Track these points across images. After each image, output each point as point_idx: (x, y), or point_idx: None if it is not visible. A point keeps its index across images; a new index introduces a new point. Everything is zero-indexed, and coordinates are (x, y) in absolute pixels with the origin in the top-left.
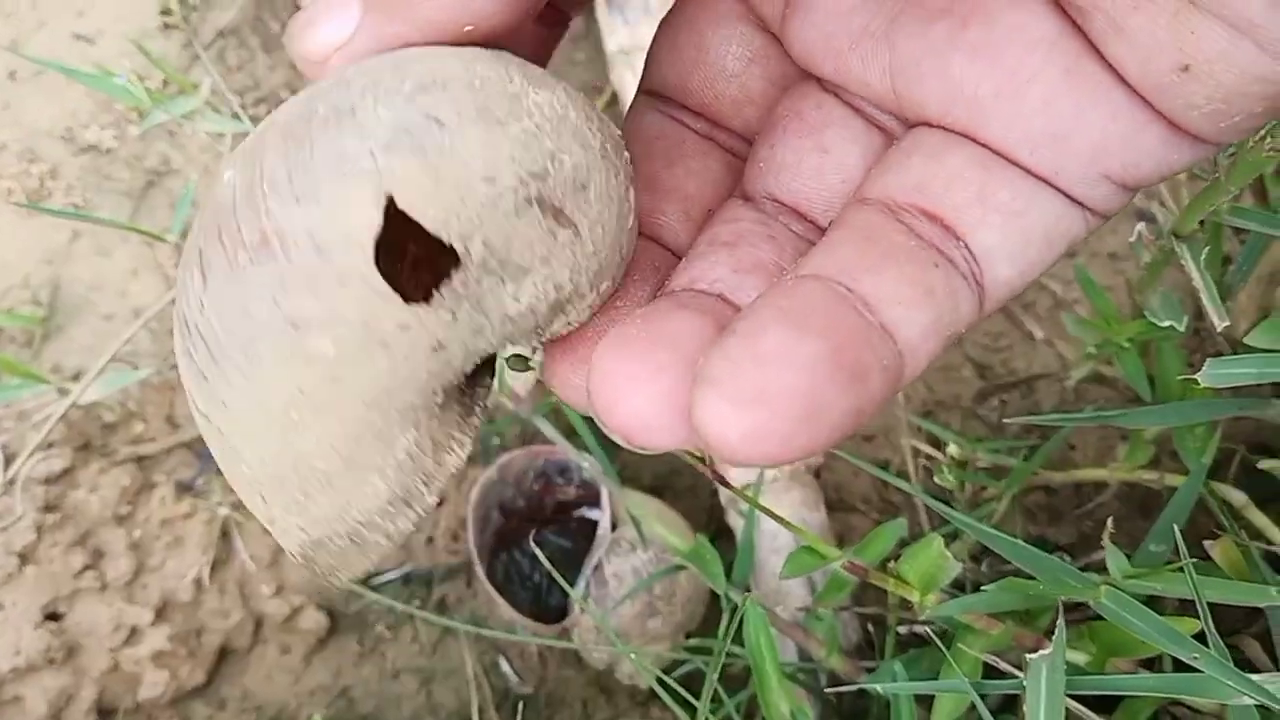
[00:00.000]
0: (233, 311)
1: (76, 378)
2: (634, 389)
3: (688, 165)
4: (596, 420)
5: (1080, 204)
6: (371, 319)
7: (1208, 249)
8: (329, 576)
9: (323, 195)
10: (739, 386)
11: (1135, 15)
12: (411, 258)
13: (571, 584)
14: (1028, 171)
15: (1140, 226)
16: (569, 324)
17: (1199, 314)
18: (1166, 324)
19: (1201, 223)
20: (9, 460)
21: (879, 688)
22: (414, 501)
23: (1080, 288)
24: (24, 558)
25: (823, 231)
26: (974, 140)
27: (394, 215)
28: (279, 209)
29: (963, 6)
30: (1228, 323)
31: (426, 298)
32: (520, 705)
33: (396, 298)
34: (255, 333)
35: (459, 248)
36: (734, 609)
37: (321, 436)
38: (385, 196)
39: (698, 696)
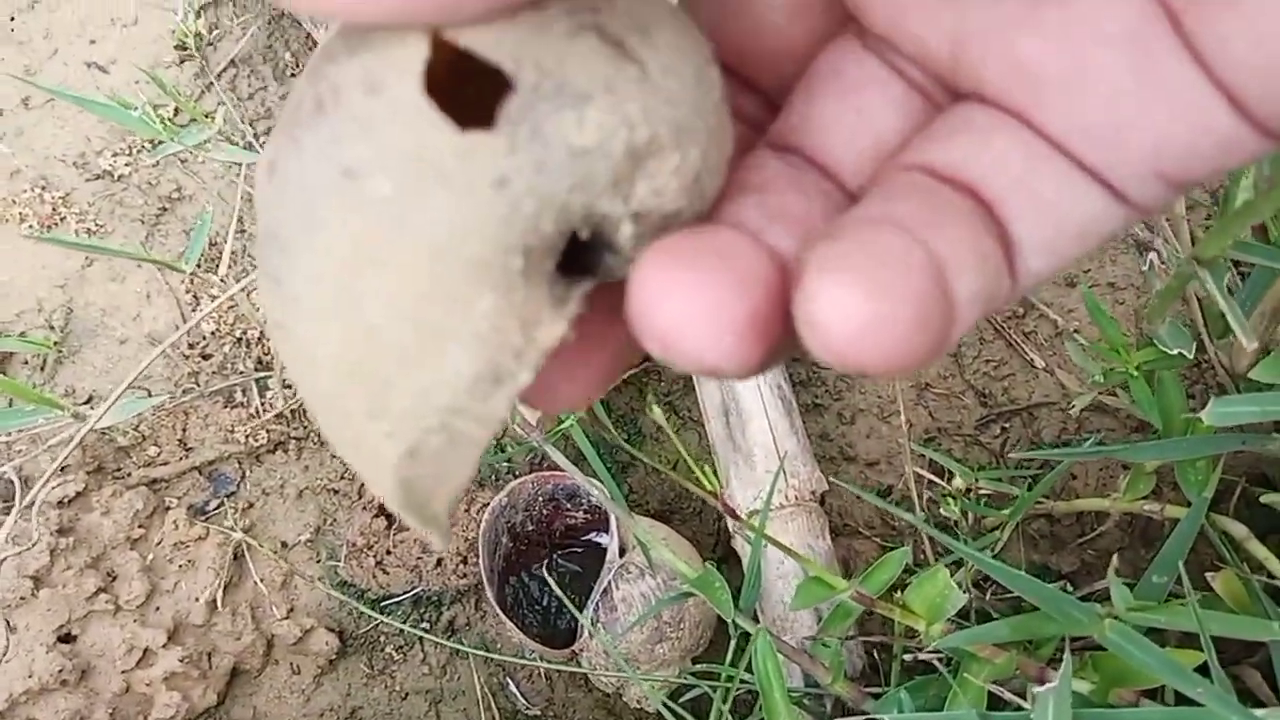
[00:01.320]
0: (294, 188)
1: (89, 401)
2: (679, 293)
3: None
4: (636, 331)
5: (1124, 199)
6: (426, 148)
7: (1229, 275)
8: (431, 504)
9: (374, 41)
10: (862, 276)
11: None
12: (470, 106)
13: (581, 608)
14: (1077, 163)
15: (1152, 256)
16: (658, 196)
17: (1199, 346)
18: (1175, 351)
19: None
20: (25, 484)
21: (884, 718)
22: (505, 379)
23: (1081, 317)
24: (38, 580)
25: (848, 194)
26: (1027, 124)
27: (443, 49)
28: (334, 69)
29: None
30: (1255, 344)
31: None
32: None
33: (450, 123)
34: (314, 197)
35: (509, 68)
36: (741, 634)
37: (389, 299)
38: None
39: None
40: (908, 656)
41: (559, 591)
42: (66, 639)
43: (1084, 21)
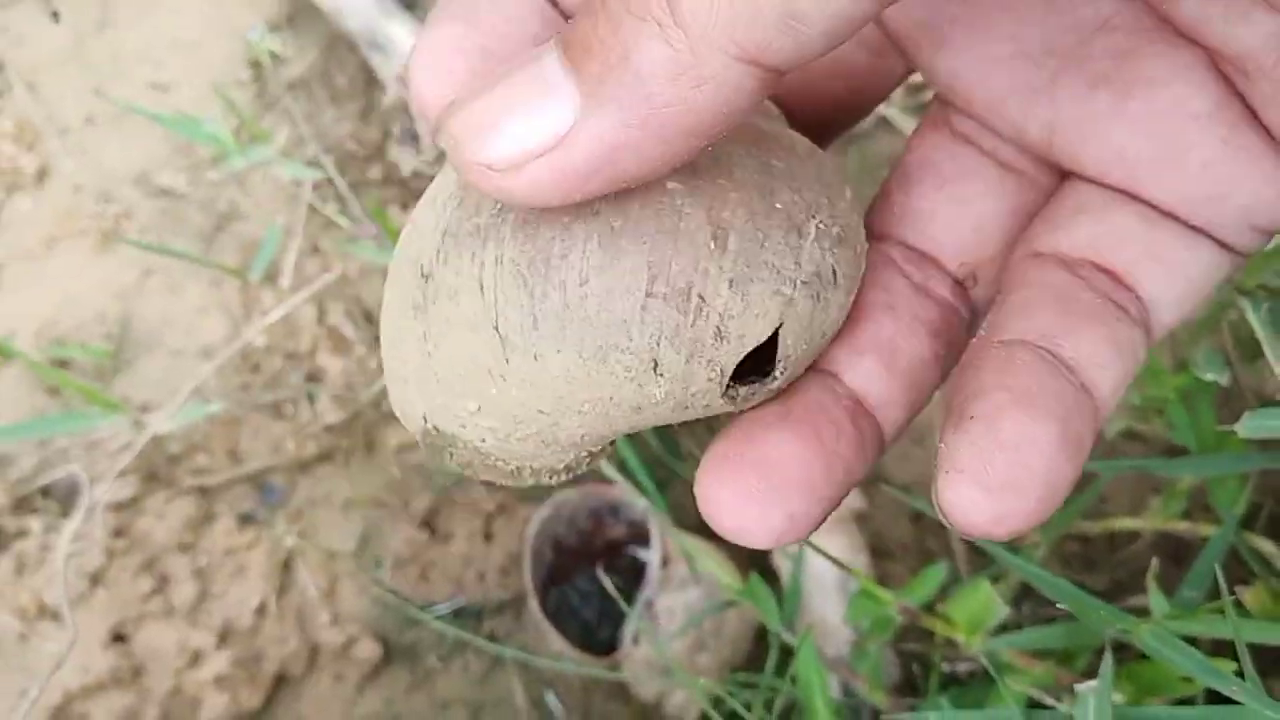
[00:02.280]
0: (611, 309)
1: (144, 410)
2: (733, 509)
3: None
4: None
5: (1228, 248)
6: (695, 396)
7: (1268, 305)
8: (459, 465)
9: (751, 296)
10: (987, 474)
11: None
12: None
13: (622, 620)
14: (1186, 225)
15: None
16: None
17: (1231, 375)
18: (1210, 378)
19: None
20: (83, 487)
21: (930, 717)
22: (554, 477)
23: None
24: (95, 580)
25: (951, 277)
26: (1134, 197)
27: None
28: (714, 282)
29: (1125, 74)
30: None
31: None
32: None
33: (721, 393)
34: (613, 334)
35: (780, 374)
36: (781, 645)
37: (577, 420)
38: (778, 325)
39: None
40: (945, 667)
41: (614, 591)
42: (121, 638)
43: (1172, 107)
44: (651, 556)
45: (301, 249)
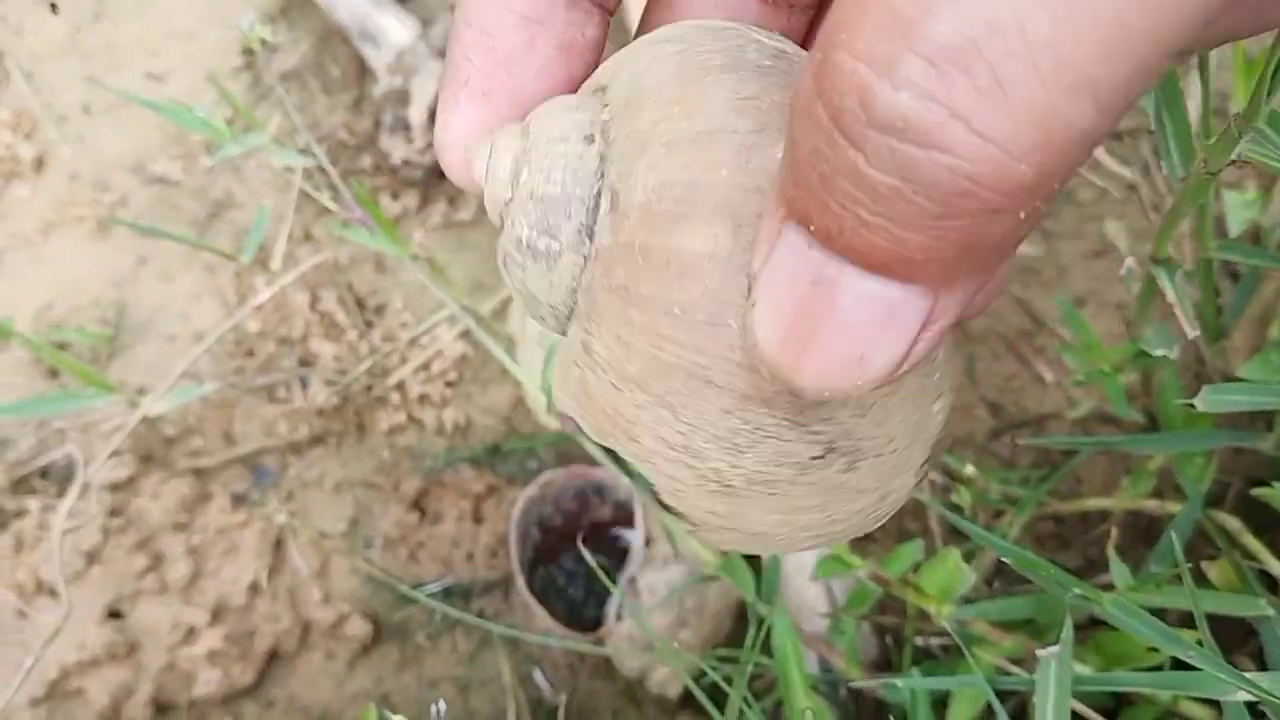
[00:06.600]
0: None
1: (140, 393)
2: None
3: None
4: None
5: None
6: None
7: (1181, 270)
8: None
9: None
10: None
11: None
12: None
13: (606, 598)
14: None
15: (1129, 260)
16: None
17: (1199, 359)
18: (1160, 353)
19: (1168, 257)
20: (79, 468)
21: (898, 682)
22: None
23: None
24: (91, 558)
25: None
26: None
27: None
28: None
29: None
30: (1198, 332)
31: None
32: (555, 714)
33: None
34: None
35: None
36: (761, 621)
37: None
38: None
39: (725, 704)
40: (919, 640)
41: (596, 568)
42: (116, 614)
43: None
44: (636, 536)
45: (295, 236)
